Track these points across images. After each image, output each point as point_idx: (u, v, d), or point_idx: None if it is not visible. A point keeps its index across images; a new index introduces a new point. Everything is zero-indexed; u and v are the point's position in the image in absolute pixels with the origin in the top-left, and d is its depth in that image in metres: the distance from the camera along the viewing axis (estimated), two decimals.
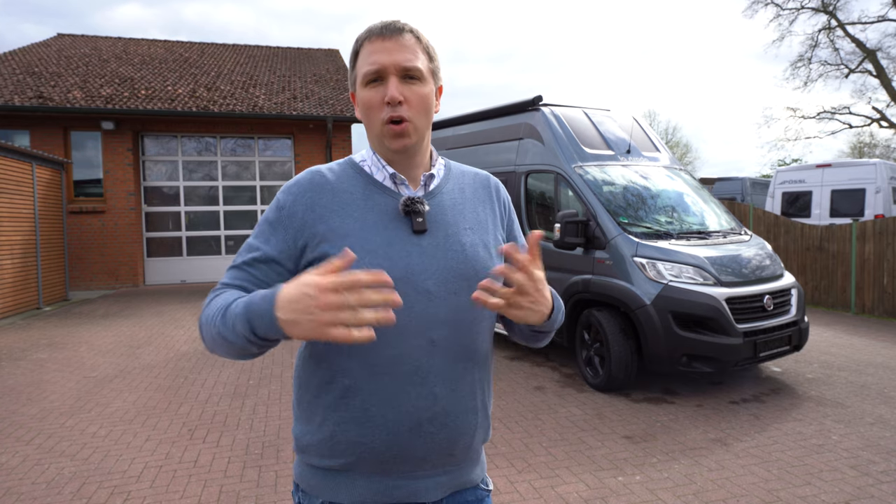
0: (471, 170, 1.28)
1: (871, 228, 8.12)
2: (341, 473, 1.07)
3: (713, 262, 4.61)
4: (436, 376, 1.05)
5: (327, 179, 1.12)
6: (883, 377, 5.14)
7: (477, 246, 1.13)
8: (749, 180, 18.10)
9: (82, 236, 11.21)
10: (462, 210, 1.16)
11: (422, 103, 1.09)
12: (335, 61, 16.73)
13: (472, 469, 1.17)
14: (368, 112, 1.09)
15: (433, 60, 1.14)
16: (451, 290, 1.08)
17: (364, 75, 1.08)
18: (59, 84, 11.63)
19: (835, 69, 23.34)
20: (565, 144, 5.54)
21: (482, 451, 1.23)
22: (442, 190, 1.17)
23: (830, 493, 3.04)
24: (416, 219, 1.09)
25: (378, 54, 1.07)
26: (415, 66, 1.08)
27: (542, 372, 5.38)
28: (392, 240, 1.06)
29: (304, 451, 1.11)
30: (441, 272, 1.07)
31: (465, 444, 1.11)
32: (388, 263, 1.03)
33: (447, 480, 1.12)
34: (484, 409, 1.16)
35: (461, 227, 1.14)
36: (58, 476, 3.29)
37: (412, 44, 1.09)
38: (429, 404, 1.05)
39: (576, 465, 3.41)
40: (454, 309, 1.07)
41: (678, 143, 39.46)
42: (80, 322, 8.02)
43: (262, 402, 4.58)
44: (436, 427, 1.06)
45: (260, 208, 12.72)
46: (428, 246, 1.08)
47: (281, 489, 3.13)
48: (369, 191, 1.11)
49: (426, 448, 1.06)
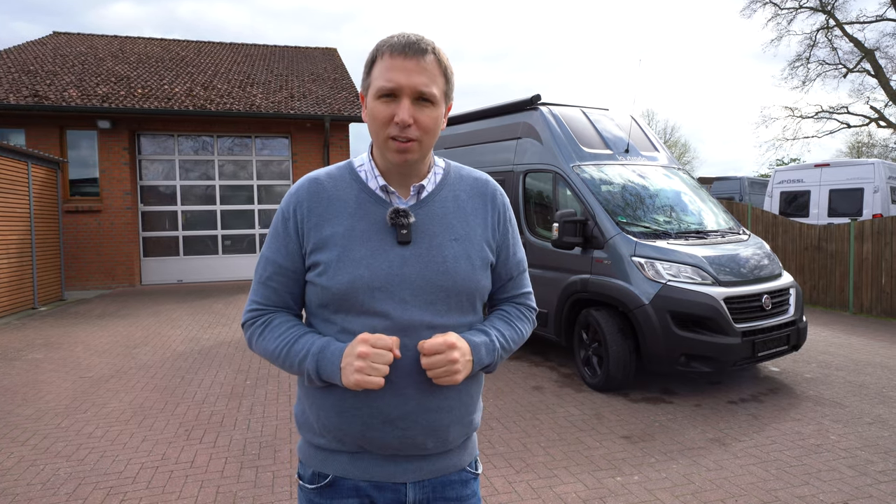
0: (471, 174, 1.29)
1: (870, 228, 8.13)
2: (328, 451, 1.19)
3: (711, 262, 4.60)
4: (408, 378, 1.12)
5: (324, 187, 1.19)
6: (881, 377, 5.14)
7: (459, 258, 1.17)
8: (747, 180, 18.15)
9: (78, 236, 11.17)
10: (451, 220, 1.20)
11: (431, 126, 1.12)
12: (333, 60, 16.70)
13: (455, 456, 1.23)
14: (376, 124, 1.12)
15: (449, 82, 1.16)
16: (428, 301, 1.14)
17: (378, 89, 1.09)
18: (54, 82, 11.58)
19: (833, 69, 23.40)
20: (563, 144, 5.52)
21: (471, 439, 1.28)
22: (433, 199, 1.20)
23: (829, 493, 3.03)
24: (401, 230, 1.14)
25: (396, 72, 1.08)
26: (431, 92, 1.09)
27: (540, 372, 5.37)
28: (376, 250, 1.13)
29: (301, 428, 1.24)
30: (419, 282, 1.13)
31: (439, 439, 1.17)
32: (368, 273, 1.11)
33: (426, 465, 1.19)
34: (462, 407, 1.20)
35: (447, 238, 1.18)
36: (53, 477, 3.26)
37: (432, 67, 1.10)
38: (399, 403, 1.13)
39: (574, 465, 3.39)
40: (429, 317, 1.14)
41: (676, 142, 39.53)
42: (75, 322, 7.98)
43: (258, 402, 4.56)
44: (407, 423, 1.13)
45: (257, 208, 12.69)
46: (410, 257, 1.14)
47: (278, 489, 3.11)
48: (361, 199, 1.17)
49: (399, 440, 1.14)
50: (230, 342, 6.61)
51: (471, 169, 1.31)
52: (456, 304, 1.17)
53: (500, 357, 1.22)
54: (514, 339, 1.26)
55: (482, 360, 1.16)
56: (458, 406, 1.19)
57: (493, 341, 1.19)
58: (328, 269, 1.12)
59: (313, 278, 1.16)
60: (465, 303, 1.18)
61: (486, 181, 1.29)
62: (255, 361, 5.75)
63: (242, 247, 12.66)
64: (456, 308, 1.17)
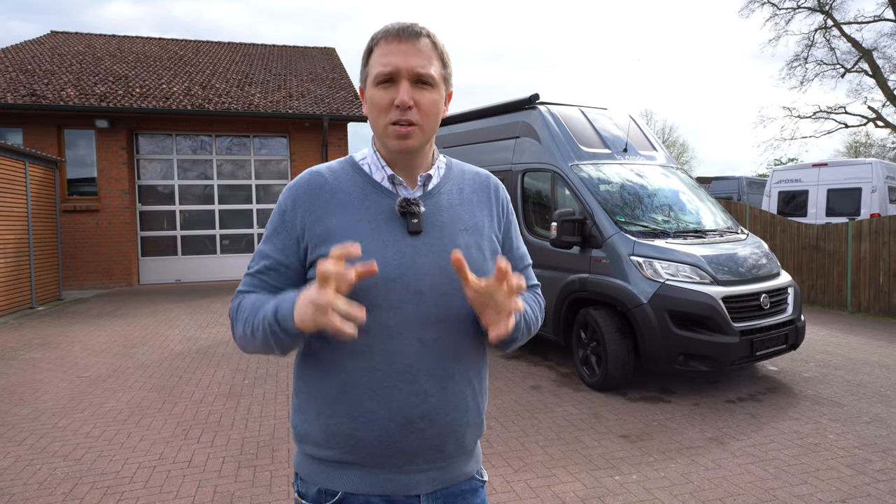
0: (471, 169, 1.28)
1: (867, 227, 8.15)
2: (336, 464, 1.10)
3: (710, 261, 4.60)
4: (426, 374, 1.08)
5: (326, 180, 1.14)
6: (879, 376, 5.15)
7: (471, 248, 1.14)
8: (745, 179, 18.18)
9: (76, 235, 11.14)
10: (459, 211, 1.17)
11: (431, 109, 1.10)
12: (331, 60, 16.68)
13: (465, 463, 1.19)
14: (376, 112, 1.10)
15: (446, 67, 1.14)
16: (443, 291, 1.10)
17: (376, 75, 1.08)
18: (52, 82, 11.55)
19: (831, 69, 23.42)
20: (562, 143, 5.52)
21: (477, 446, 1.24)
22: (440, 190, 1.18)
23: (827, 492, 3.03)
24: (412, 220, 1.10)
25: (392, 56, 1.07)
26: (428, 73, 1.08)
27: (538, 371, 5.37)
28: (387, 241, 1.08)
29: (302, 441, 1.15)
30: (434, 273, 1.09)
31: (455, 441, 1.13)
32: (381, 264, 1.05)
33: (439, 475, 1.14)
34: (476, 407, 1.17)
35: (456, 228, 1.15)
36: (50, 477, 3.25)
37: (428, 49, 1.09)
38: (419, 401, 1.07)
39: (572, 464, 3.39)
40: (445, 309, 1.10)
41: (675, 142, 39.56)
42: (73, 321, 7.97)
43: (256, 401, 4.55)
44: (426, 424, 1.08)
45: (256, 207, 12.67)
46: (422, 247, 1.10)
47: (276, 489, 3.11)
48: (367, 191, 1.13)
49: (417, 444, 1.08)
50: (228, 342, 6.60)
51: (470, 165, 1.30)
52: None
53: (523, 333, 1.18)
54: (532, 319, 1.21)
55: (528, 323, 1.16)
56: (473, 405, 1.15)
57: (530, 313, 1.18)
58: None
59: None
60: None
61: (486, 175, 1.28)
62: (253, 361, 5.74)
63: (241, 246, 12.64)
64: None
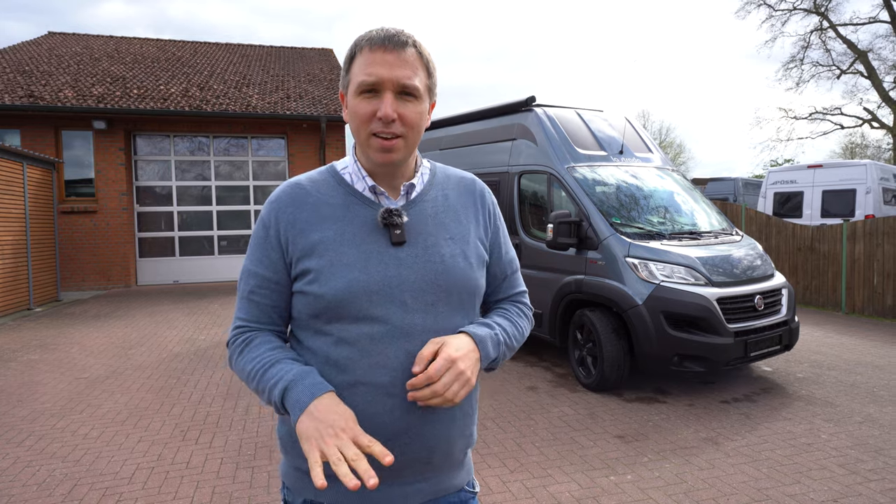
0: (456, 174, 1.26)
1: (862, 229, 8.19)
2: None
3: (704, 263, 4.64)
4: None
5: (307, 192, 1.12)
6: (872, 376, 5.19)
7: (457, 256, 1.13)
8: (741, 181, 18.22)
9: (74, 236, 11.14)
10: (444, 219, 1.15)
11: (415, 120, 1.07)
12: (329, 61, 16.70)
13: (454, 475, 1.18)
14: (357, 121, 1.07)
15: (431, 77, 1.11)
16: (429, 302, 1.08)
17: (359, 84, 1.05)
18: (49, 83, 11.55)
19: (826, 70, 23.55)
20: (558, 145, 5.55)
21: (467, 456, 1.23)
22: (424, 198, 1.16)
23: (819, 492, 3.07)
24: (395, 231, 1.09)
25: (377, 66, 1.04)
26: (413, 85, 1.05)
27: (534, 372, 5.39)
28: (370, 253, 1.07)
29: (288, 453, 1.14)
30: (419, 284, 1.08)
31: (443, 453, 1.12)
32: (364, 277, 1.04)
33: (427, 487, 1.13)
34: (464, 418, 1.15)
35: (441, 237, 1.13)
36: (49, 478, 3.27)
37: (413, 59, 1.06)
38: (403, 414, 1.05)
39: (568, 464, 3.42)
40: (431, 320, 1.08)
41: (671, 143, 39.64)
42: (71, 323, 7.97)
43: (254, 402, 4.57)
44: (411, 437, 1.07)
45: (253, 208, 12.68)
46: (406, 258, 1.08)
47: (274, 490, 3.13)
48: (349, 202, 1.11)
49: (402, 457, 1.06)
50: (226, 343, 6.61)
51: (455, 169, 1.28)
52: (457, 304, 1.12)
53: (504, 354, 1.16)
54: (516, 335, 1.20)
55: (489, 355, 1.10)
56: (461, 416, 1.13)
57: (497, 335, 1.14)
58: (320, 276, 1.05)
59: (303, 287, 1.07)
60: (465, 303, 1.14)
61: (472, 180, 1.26)
62: None
63: (238, 247, 12.64)
64: (458, 309, 1.12)
